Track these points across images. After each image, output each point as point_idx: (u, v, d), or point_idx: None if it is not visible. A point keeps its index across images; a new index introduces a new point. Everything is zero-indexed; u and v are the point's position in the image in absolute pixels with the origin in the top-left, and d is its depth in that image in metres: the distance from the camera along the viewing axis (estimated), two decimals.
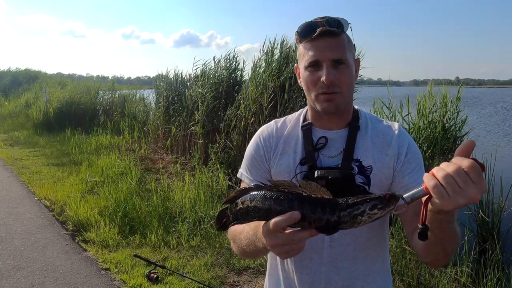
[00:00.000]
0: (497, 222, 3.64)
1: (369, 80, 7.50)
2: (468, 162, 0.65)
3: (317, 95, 0.98)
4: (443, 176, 0.65)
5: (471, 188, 0.64)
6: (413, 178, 0.97)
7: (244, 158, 1.13)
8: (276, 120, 1.14)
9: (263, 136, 1.10)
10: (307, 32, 0.97)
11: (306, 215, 0.70)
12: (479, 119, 15.70)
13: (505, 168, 4.05)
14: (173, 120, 7.71)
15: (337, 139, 1.03)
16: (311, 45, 0.97)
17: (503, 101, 32.99)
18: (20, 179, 5.92)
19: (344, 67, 0.96)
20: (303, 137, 1.05)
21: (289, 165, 1.04)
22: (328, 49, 0.95)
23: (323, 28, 0.94)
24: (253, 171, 1.09)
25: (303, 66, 0.99)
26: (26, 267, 3.20)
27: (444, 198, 0.65)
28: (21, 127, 11.28)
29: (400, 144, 1.01)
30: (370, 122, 1.05)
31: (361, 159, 0.99)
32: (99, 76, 24.95)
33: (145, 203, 4.41)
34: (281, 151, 1.07)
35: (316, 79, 0.96)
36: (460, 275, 2.98)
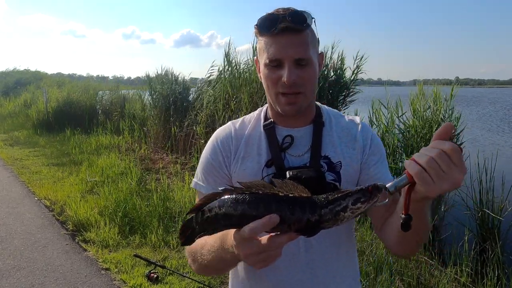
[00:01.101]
0: (497, 222, 3.64)
1: (369, 80, 7.52)
2: (449, 145, 0.62)
3: (277, 95, 0.93)
4: (426, 161, 0.63)
5: (454, 171, 0.62)
6: (378, 169, 0.98)
7: (199, 166, 1.03)
8: (233, 121, 1.05)
9: (220, 140, 1.01)
10: (268, 27, 0.89)
11: (285, 217, 0.64)
12: (479, 119, 15.70)
13: (505, 168, 4.05)
14: (173, 120, 7.72)
15: (302, 137, 0.98)
16: (272, 40, 0.89)
17: (503, 101, 32.98)
18: (20, 179, 5.92)
19: (307, 65, 0.90)
20: (266, 137, 0.98)
21: (254, 169, 0.96)
22: (291, 47, 0.88)
23: (286, 24, 0.87)
24: (210, 179, 0.99)
25: (263, 62, 0.92)
26: (26, 267, 3.20)
27: (429, 184, 0.63)
28: (21, 127, 11.28)
29: (364, 137, 1.00)
30: (333, 118, 1.03)
31: (330, 156, 0.96)
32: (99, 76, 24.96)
33: (145, 203, 4.41)
34: (243, 155, 0.98)
35: (276, 78, 0.90)
36: (460, 274, 2.98)
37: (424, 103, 4.64)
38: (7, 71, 24.10)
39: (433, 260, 3.21)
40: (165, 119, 8.02)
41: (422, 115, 4.57)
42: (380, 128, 4.96)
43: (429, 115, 4.57)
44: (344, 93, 6.41)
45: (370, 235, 3.48)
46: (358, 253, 3.12)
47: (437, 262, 3.18)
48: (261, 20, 0.91)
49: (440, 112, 4.50)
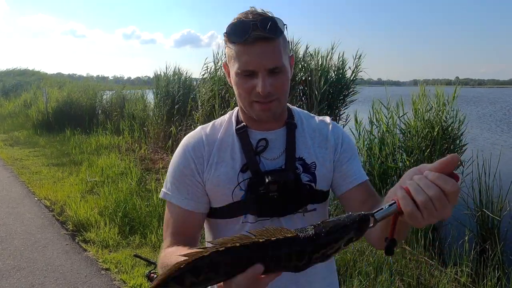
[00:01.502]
0: (497, 222, 3.64)
1: (369, 80, 7.51)
2: (451, 187, 0.58)
3: (251, 103, 0.90)
4: (423, 202, 0.58)
5: (446, 209, 0.59)
6: (350, 166, 0.98)
7: (169, 175, 0.98)
8: (202, 127, 1.01)
9: (191, 146, 0.97)
10: (239, 35, 0.85)
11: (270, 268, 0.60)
12: (478, 119, 15.70)
13: (505, 168, 4.05)
14: (174, 120, 7.73)
15: (276, 140, 0.97)
16: (244, 49, 0.86)
17: (503, 101, 32.98)
18: (20, 179, 5.92)
19: (280, 73, 0.88)
20: (239, 141, 0.96)
21: (229, 174, 0.93)
22: (264, 57, 0.85)
23: (258, 33, 0.84)
24: (182, 189, 0.95)
25: (235, 71, 0.89)
26: (26, 267, 3.20)
27: (418, 220, 0.60)
28: (21, 127, 11.27)
29: (335, 136, 1.01)
30: (304, 119, 1.03)
31: (304, 157, 0.96)
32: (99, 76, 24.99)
33: (145, 203, 4.41)
34: (216, 160, 0.95)
35: (250, 87, 0.88)
36: (460, 275, 2.98)
37: (426, 104, 4.64)
38: (6, 71, 24.10)
39: (433, 260, 3.21)
40: (168, 119, 8.02)
41: (424, 115, 4.57)
42: (381, 128, 4.96)
43: (431, 115, 4.57)
44: (344, 93, 6.41)
45: None
46: (358, 253, 3.13)
47: (437, 262, 3.18)
48: (231, 27, 0.87)
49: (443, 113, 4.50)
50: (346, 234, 0.60)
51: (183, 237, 0.93)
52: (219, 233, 0.98)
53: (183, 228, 0.95)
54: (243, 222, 0.94)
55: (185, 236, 0.93)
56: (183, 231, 0.94)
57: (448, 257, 3.41)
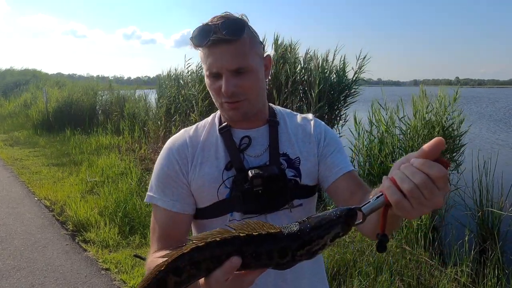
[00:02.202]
0: (497, 222, 3.64)
1: (369, 80, 7.52)
2: (438, 171, 0.55)
3: (221, 104, 0.93)
4: (409, 190, 0.56)
5: (436, 196, 0.56)
6: (335, 158, 0.99)
7: (154, 178, 0.98)
8: (186, 129, 1.03)
9: (175, 148, 0.98)
10: (201, 39, 0.88)
11: (249, 264, 0.58)
12: (478, 119, 15.70)
13: (505, 168, 4.05)
14: (173, 119, 7.72)
15: (259, 137, 0.98)
16: (209, 52, 0.89)
17: (503, 101, 32.99)
18: (20, 179, 5.91)
19: (246, 73, 0.89)
20: (223, 140, 0.97)
21: (213, 173, 0.94)
22: (226, 59, 0.87)
23: (218, 36, 0.86)
24: (167, 191, 0.95)
25: (205, 73, 0.93)
26: (26, 267, 3.20)
27: (407, 211, 0.57)
28: (21, 127, 11.27)
29: (317, 131, 1.02)
30: (287, 117, 1.04)
31: (288, 153, 0.97)
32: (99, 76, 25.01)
33: (145, 203, 4.41)
34: (200, 160, 0.96)
35: (218, 88, 0.90)
36: (460, 275, 2.98)
37: (427, 105, 4.65)
38: (6, 70, 24.09)
39: (433, 260, 3.21)
40: (167, 119, 8.02)
41: (425, 116, 4.57)
42: (380, 128, 4.96)
43: (431, 116, 4.58)
44: (345, 94, 6.41)
45: None
46: (358, 253, 3.13)
47: (437, 262, 3.18)
48: (195, 32, 0.90)
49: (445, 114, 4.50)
50: (332, 229, 0.58)
51: (171, 241, 0.92)
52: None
53: (170, 231, 0.94)
54: (230, 221, 0.94)
55: (173, 239, 0.92)
56: (171, 234, 0.94)
57: (448, 257, 3.41)
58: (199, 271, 0.59)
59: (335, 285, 2.82)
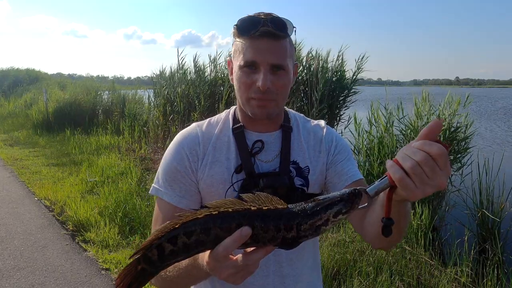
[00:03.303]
0: (497, 222, 3.64)
1: (369, 80, 7.53)
2: (437, 149, 0.57)
3: (249, 99, 0.91)
4: (410, 167, 0.58)
5: (439, 176, 0.58)
6: (345, 165, 0.99)
7: (161, 171, 0.96)
8: (198, 124, 1.01)
9: (186, 144, 0.95)
10: (248, 29, 0.87)
11: (258, 236, 0.60)
12: (478, 118, 15.70)
13: (505, 168, 4.05)
14: (171, 119, 7.72)
15: (272, 142, 0.97)
16: (251, 43, 0.88)
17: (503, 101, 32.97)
18: (20, 179, 5.91)
19: (282, 73, 0.89)
20: (235, 141, 0.95)
21: (223, 175, 0.93)
22: (269, 52, 0.87)
23: (266, 28, 0.86)
24: (175, 186, 0.93)
25: (238, 64, 0.90)
26: (26, 267, 3.20)
27: (411, 189, 0.59)
28: (21, 127, 11.27)
29: (328, 139, 1.02)
30: (300, 122, 1.04)
31: (298, 161, 0.97)
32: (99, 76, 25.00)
33: (145, 203, 4.41)
34: (211, 159, 0.94)
35: (250, 82, 0.88)
36: (460, 275, 2.98)
37: (430, 106, 4.66)
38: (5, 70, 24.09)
39: (433, 260, 3.21)
40: (166, 119, 8.02)
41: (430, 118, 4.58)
42: (379, 128, 4.96)
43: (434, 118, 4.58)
44: (345, 94, 6.42)
45: None
46: (358, 253, 3.13)
47: (437, 262, 3.18)
48: (242, 21, 0.89)
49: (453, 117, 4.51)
50: (335, 206, 0.60)
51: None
52: None
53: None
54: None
55: None
56: None
57: (448, 257, 3.41)
58: (208, 236, 0.60)
59: (335, 285, 2.82)
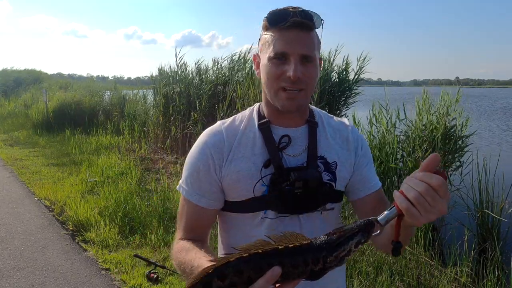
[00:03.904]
0: (497, 222, 3.64)
1: (369, 80, 7.52)
2: (436, 180, 0.65)
3: (277, 90, 0.91)
4: (414, 197, 0.66)
5: (439, 204, 0.66)
6: (369, 172, 1.03)
7: (187, 170, 0.98)
8: (222, 121, 1.01)
9: (211, 142, 0.96)
10: (278, 20, 0.89)
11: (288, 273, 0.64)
12: (478, 118, 15.70)
13: (505, 168, 4.05)
14: (172, 119, 7.72)
15: (298, 137, 0.97)
16: (280, 35, 0.89)
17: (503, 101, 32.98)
18: (20, 179, 5.91)
19: (311, 64, 0.90)
20: (262, 136, 0.96)
21: (251, 170, 0.93)
22: (299, 43, 0.88)
23: (297, 20, 0.88)
24: (196, 185, 0.96)
25: (267, 56, 0.91)
26: (26, 267, 3.20)
27: (417, 217, 0.67)
28: (21, 127, 11.27)
29: (355, 138, 1.03)
30: (324, 119, 1.04)
31: (325, 156, 0.98)
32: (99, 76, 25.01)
33: (145, 203, 4.41)
34: (236, 155, 0.94)
35: (280, 72, 0.89)
36: (460, 275, 2.98)
37: (429, 106, 4.66)
38: (5, 70, 24.10)
39: (433, 260, 3.21)
40: (166, 119, 8.02)
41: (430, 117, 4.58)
42: (380, 128, 4.96)
43: (433, 118, 4.58)
44: (346, 94, 6.42)
45: None
46: (358, 253, 3.13)
47: (437, 262, 3.18)
48: (272, 13, 0.90)
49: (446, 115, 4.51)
50: (355, 237, 0.67)
51: (195, 234, 0.97)
52: (236, 226, 0.99)
53: (195, 224, 0.97)
54: (263, 218, 0.94)
55: (197, 233, 0.97)
56: (195, 227, 0.98)
57: (448, 257, 3.41)
58: (241, 279, 0.64)
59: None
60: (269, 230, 0.92)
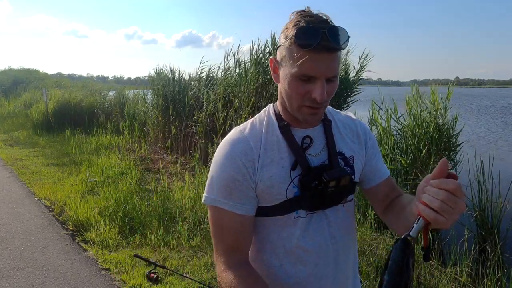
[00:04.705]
0: (496, 222, 3.64)
1: (369, 80, 7.51)
2: (453, 185, 0.71)
3: (300, 107, 0.92)
4: (439, 206, 0.71)
5: (460, 204, 0.72)
6: (379, 160, 1.09)
7: (217, 182, 0.95)
8: (240, 129, 1.00)
9: (239, 151, 0.94)
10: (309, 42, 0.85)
11: None
12: (477, 118, 15.70)
13: (505, 168, 4.05)
14: (172, 119, 7.72)
15: (316, 136, 1.00)
16: (309, 55, 0.86)
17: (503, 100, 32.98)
18: (20, 179, 5.92)
19: (335, 81, 0.91)
20: (285, 139, 0.97)
21: (281, 174, 0.94)
22: (326, 66, 0.87)
23: (327, 44, 0.84)
24: (234, 194, 0.93)
25: (292, 71, 0.89)
26: (26, 267, 3.20)
27: (443, 223, 0.72)
28: (21, 127, 11.27)
29: (363, 131, 1.09)
30: (334, 114, 1.08)
31: (343, 151, 1.03)
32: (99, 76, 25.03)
33: (145, 203, 4.41)
34: (266, 162, 0.95)
35: (304, 91, 0.89)
36: (460, 275, 2.98)
37: (421, 104, 4.65)
38: (6, 70, 24.11)
39: (433, 260, 3.21)
40: (165, 119, 8.02)
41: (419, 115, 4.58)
42: (378, 129, 4.96)
43: (426, 115, 4.57)
44: (346, 94, 6.41)
45: (370, 235, 3.48)
46: (358, 253, 3.13)
47: (437, 262, 3.18)
48: (300, 32, 0.86)
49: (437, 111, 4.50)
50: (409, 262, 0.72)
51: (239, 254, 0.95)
52: (268, 228, 0.99)
53: (240, 237, 0.95)
54: (295, 218, 0.97)
55: (240, 250, 0.95)
56: (239, 243, 0.95)
57: (448, 257, 3.41)
58: None
59: None
60: (301, 228, 0.97)
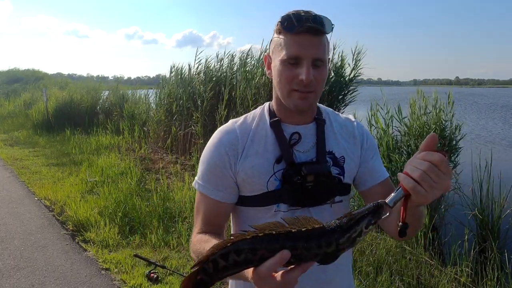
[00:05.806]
0: (497, 222, 3.64)
1: (369, 80, 7.49)
2: (438, 157, 0.69)
3: (290, 91, 0.95)
4: (419, 175, 0.69)
5: (443, 179, 0.69)
6: (376, 162, 1.08)
7: (204, 166, 1.03)
8: (234, 121, 1.06)
9: (226, 140, 1.01)
10: (292, 26, 0.92)
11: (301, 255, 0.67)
12: (477, 118, 15.69)
13: (504, 168, 4.05)
14: (174, 119, 7.71)
15: (307, 134, 1.02)
16: (293, 39, 0.93)
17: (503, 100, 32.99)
18: (20, 179, 5.92)
19: (322, 67, 0.95)
20: (273, 133, 1.01)
21: (264, 166, 0.98)
22: (311, 47, 0.92)
23: (310, 25, 0.91)
24: (215, 181, 1.00)
25: (280, 59, 0.95)
26: (26, 267, 3.20)
27: (423, 195, 0.70)
28: (21, 127, 11.27)
29: (360, 133, 1.09)
30: (331, 115, 1.09)
31: (333, 151, 1.03)
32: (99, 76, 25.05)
33: (145, 203, 4.41)
34: (250, 152, 1.00)
35: (293, 75, 0.93)
36: (460, 274, 2.98)
37: (425, 107, 4.67)
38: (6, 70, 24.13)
39: (433, 260, 3.22)
40: (168, 118, 8.00)
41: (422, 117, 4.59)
42: (378, 129, 4.96)
43: (428, 119, 4.59)
44: (343, 93, 6.38)
45: (370, 235, 3.48)
46: (358, 253, 3.13)
47: (437, 262, 3.18)
48: (286, 18, 0.94)
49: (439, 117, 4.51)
50: (365, 218, 0.69)
51: (212, 227, 1.01)
52: (249, 220, 1.02)
53: (213, 218, 1.02)
54: (276, 211, 0.99)
55: (214, 226, 1.01)
56: (212, 221, 1.02)
57: (448, 257, 3.42)
58: (254, 256, 0.68)
59: None
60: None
